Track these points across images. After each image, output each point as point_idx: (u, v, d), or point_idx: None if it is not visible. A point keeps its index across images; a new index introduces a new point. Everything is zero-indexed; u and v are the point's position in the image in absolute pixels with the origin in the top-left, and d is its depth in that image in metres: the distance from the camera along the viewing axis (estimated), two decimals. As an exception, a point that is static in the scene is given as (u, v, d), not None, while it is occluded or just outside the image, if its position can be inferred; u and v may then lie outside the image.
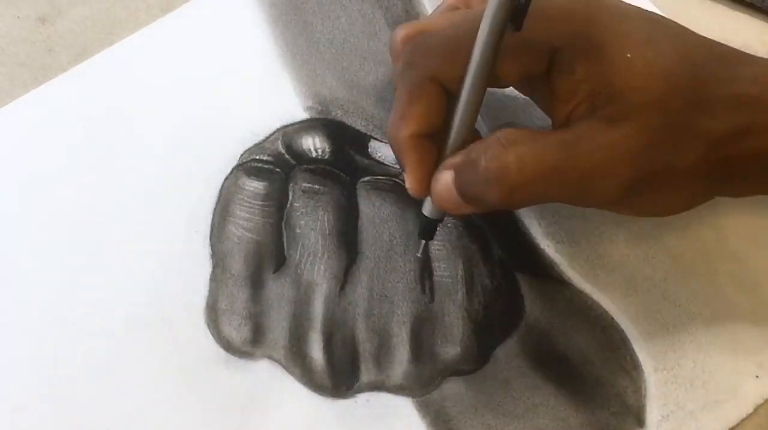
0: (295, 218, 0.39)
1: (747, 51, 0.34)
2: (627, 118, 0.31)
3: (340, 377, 0.37)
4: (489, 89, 0.33)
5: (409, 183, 0.34)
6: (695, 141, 0.32)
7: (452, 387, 0.37)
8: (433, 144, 0.34)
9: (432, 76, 0.33)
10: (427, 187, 0.34)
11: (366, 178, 0.40)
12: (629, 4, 0.34)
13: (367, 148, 0.41)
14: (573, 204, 0.36)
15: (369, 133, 0.42)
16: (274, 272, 0.39)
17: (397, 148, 0.35)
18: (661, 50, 0.32)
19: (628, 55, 0.31)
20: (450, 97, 0.34)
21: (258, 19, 0.45)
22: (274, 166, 0.41)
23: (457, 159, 0.33)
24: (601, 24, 0.32)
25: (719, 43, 0.34)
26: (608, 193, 0.32)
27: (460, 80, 0.33)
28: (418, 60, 0.34)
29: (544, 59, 0.33)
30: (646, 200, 0.33)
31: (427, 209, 0.36)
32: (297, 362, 0.37)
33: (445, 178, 0.33)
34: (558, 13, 0.32)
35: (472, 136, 0.34)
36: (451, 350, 0.37)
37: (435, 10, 0.39)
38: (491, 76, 0.32)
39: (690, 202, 0.35)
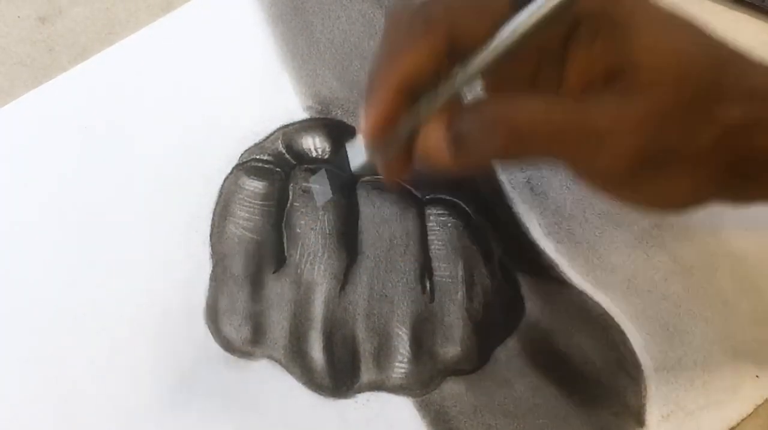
0: (295, 218, 0.39)
1: (747, 51, 0.34)
2: (641, 93, 0.31)
3: (340, 377, 0.37)
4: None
5: (369, 118, 0.31)
6: (708, 126, 0.31)
7: (452, 387, 0.37)
8: (409, 102, 0.31)
9: (448, 30, 0.31)
10: (384, 131, 0.31)
11: (366, 178, 0.40)
12: None
13: (368, 148, 0.41)
14: (574, 170, 0.34)
15: (369, 133, 0.42)
16: (274, 272, 0.39)
17: (374, 88, 0.31)
18: (682, 36, 0.32)
19: (649, 36, 0.31)
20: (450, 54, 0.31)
21: (258, 19, 0.45)
22: (274, 166, 0.41)
23: (454, 113, 0.31)
24: (625, 4, 0.32)
25: (739, 45, 0.34)
26: (612, 164, 0.31)
27: (480, 39, 0.31)
28: (435, 10, 0.31)
29: (561, 33, 0.32)
30: (650, 183, 0.32)
31: (358, 158, 0.33)
32: (297, 361, 0.37)
33: (435, 128, 0.31)
34: None
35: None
36: (451, 349, 0.37)
37: None
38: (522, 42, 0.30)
39: (694, 196, 0.34)
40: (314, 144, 0.41)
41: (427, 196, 0.40)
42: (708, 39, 0.33)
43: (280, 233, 0.39)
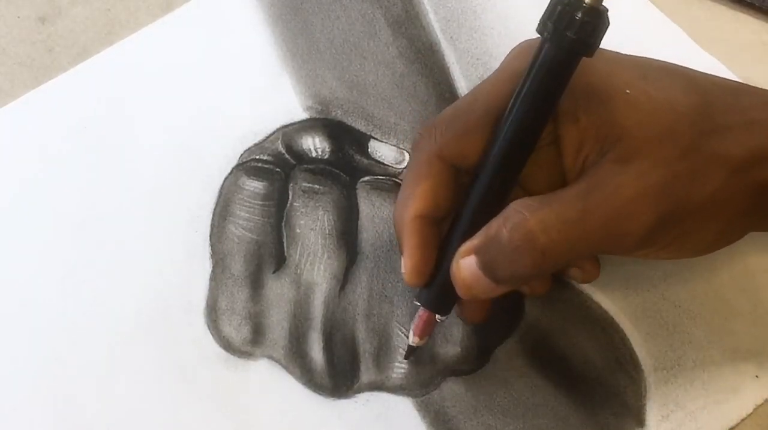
0: (295, 218, 0.39)
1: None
2: (637, 154, 0.30)
3: (340, 377, 0.37)
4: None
5: (406, 269, 0.33)
6: (714, 168, 0.30)
7: (452, 387, 0.37)
8: (437, 231, 0.33)
9: (438, 154, 0.33)
10: (425, 276, 0.33)
11: (366, 178, 0.40)
12: (620, 53, 0.33)
13: (367, 148, 0.41)
14: (606, 253, 0.35)
15: (369, 133, 0.42)
16: (273, 272, 0.39)
17: (399, 229, 0.33)
18: (662, 84, 0.31)
19: (628, 92, 0.31)
20: (461, 176, 0.33)
21: (258, 19, 0.45)
22: (274, 166, 0.41)
23: (476, 241, 0.31)
24: (595, 69, 0.31)
25: (721, 77, 0.34)
26: (635, 235, 0.30)
27: (483, 155, 0.32)
28: (423, 140, 0.33)
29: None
30: (675, 237, 0.32)
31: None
32: (297, 362, 0.37)
33: (468, 264, 0.32)
34: None
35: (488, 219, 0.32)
36: (451, 350, 0.37)
37: None
38: (528, 149, 0.31)
39: (723, 236, 0.33)
40: (314, 144, 0.41)
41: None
42: (690, 80, 0.32)
43: (279, 233, 0.39)
